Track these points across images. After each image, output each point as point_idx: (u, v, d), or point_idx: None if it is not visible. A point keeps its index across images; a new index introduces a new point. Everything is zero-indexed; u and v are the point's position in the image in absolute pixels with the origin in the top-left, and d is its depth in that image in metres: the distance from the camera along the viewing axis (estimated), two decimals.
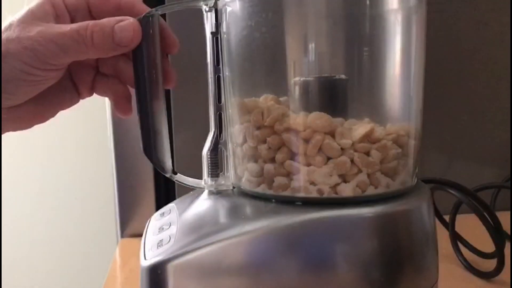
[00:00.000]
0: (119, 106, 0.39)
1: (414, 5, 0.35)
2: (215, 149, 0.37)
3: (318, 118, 0.32)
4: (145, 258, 0.32)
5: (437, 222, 0.55)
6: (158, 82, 0.35)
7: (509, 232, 0.55)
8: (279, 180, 0.33)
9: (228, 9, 0.35)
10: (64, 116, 0.39)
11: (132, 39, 0.33)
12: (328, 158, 0.33)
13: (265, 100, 0.35)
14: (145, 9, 0.36)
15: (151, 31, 0.34)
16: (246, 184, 0.36)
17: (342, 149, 0.32)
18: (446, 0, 0.67)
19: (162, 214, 0.38)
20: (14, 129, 0.37)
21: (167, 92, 0.61)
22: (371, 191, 0.33)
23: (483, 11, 0.70)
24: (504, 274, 0.48)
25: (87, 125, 1.04)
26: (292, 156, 0.33)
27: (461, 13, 0.69)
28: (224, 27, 0.36)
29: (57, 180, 1.09)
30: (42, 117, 0.37)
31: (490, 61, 0.71)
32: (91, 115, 0.99)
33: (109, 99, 0.39)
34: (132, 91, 0.37)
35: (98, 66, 0.38)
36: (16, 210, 1.10)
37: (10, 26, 0.32)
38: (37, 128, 0.38)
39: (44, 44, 0.31)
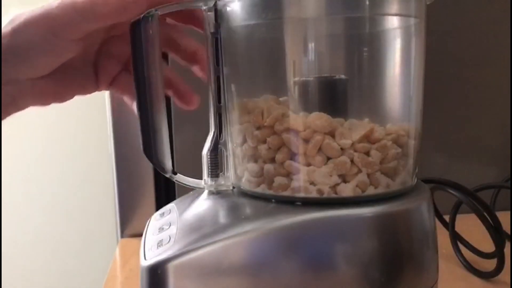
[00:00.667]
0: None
1: (415, 11, 0.35)
2: (215, 149, 0.37)
3: (318, 118, 0.32)
4: (145, 258, 0.32)
5: (437, 222, 0.55)
6: (157, 82, 0.35)
7: (509, 232, 0.55)
8: (279, 180, 0.33)
9: (228, 9, 0.35)
10: (64, 116, 0.40)
11: None
12: (328, 158, 0.33)
13: (265, 100, 0.35)
14: None
15: (150, 32, 0.34)
16: (246, 184, 0.36)
17: (342, 149, 0.32)
18: (449, 3, 0.67)
19: (162, 214, 0.38)
20: (33, 104, 0.37)
21: None
22: (371, 191, 0.33)
23: (484, 13, 0.70)
24: (504, 274, 0.48)
25: (87, 125, 1.04)
26: (292, 156, 0.33)
27: (463, 14, 0.69)
28: (224, 27, 0.36)
29: (57, 180, 1.09)
30: (60, 98, 0.38)
31: (491, 61, 0.71)
32: (91, 115, 0.99)
33: (126, 97, 0.40)
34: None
35: (128, 62, 0.39)
36: (16, 210, 1.10)
37: None
38: (37, 128, 0.38)
39: (65, 9, 0.32)
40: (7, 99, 0.35)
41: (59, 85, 0.37)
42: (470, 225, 0.50)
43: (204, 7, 0.36)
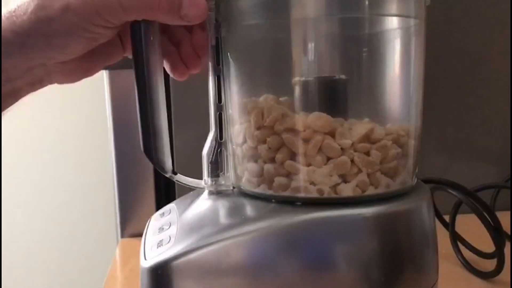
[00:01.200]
0: (172, 69, 0.39)
1: (415, 12, 0.35)
2: (215, 149, 0.37)
3: (318, 119, 0.32)
4: (145, 258, 0.32)
5: (437, 222, 0.55)
6: (158, 82, 0.35)
7: (509, 232, 0.55)
8: (279, 180, 0.33)
9: (229, 9, 0.35)
10: (64, 116, 0.40)
11: (198, 17, 0.33)
12: (328, 158, 0.33)
13: (265, 100, 0.35)
14: None
15: (151, 32, 0.34)
16: (246, 184, 0.36)
17: (342, 149, 0.32)
18: (449, 4, 0.67)
19: (162, 214, 0.38)
20: (61, 82, 0.36)
21: (167, 92, 0.61)
22: (371, 191, 0.33)
23: (486, 14, 0.70)
24: (504, 274, 0.48)
25: (87, 125, 1.04)
26: (292, 156, 0.33)
27: (463, 14, 0.69)
28: (224, 27, 0.36)
29: (57, 180, 1.09)
30: (90, 72, 0.37)
31: (491, 61, 0.71)
32: (91, 115, 0.99)
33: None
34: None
35: None
36: (16, 210, 1.10)
37: None
38: (37, 128, 0.38)
39: (105, 0, 0.31)
40: (34, 79, 0.34)
41: (87, 61, 0.36)
42: (470, 225, 0.50)
43: None
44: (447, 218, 0.56)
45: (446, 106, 0.70)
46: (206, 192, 0.37)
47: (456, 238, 0.55)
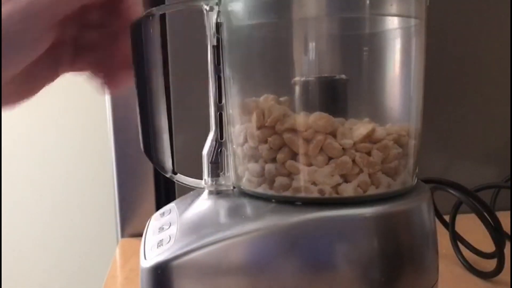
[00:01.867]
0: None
1: (416, 12, 0.35)
2: (216, 149, 0.37)
3: (320, 119, 0.32)
4: (145, 258, 0.32)
5: (437, 222, 0.55)
6: (158, 82, 0.35)
7: (509, 232, 0.55)
8: (280, 180, 0.33)
9: (229, 8, 0.35)
10: (64, 116, 0.39)
11: None
12: (330, 158, 0.33)
13: (266, 100, 0.35)
14: None
15: (151, 32, 0.34)
16: (246, 184, 0.36)
17: (343, 149, 0.32)
18: (449, 3, 0.67)
19: (162, 214, 0.38)
20: None
21: (167, 92, 0.61)
22: (372, 191, 0.33)
23: (486, 14, 0.70)
24: (504, 274, 0.48)
25: (87, 125, 1.04)
26: (293, 156, 0.33)
27: (464, 15, 0.69)
28: (225, 27, 0.36)
29: (57, 180, 1.09)
30: (28, 94, 0.35)
31: (491, 61, 0.71)
32: (91, 115, 0.99)
33: (93, 75, 0.37)
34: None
35: (77, 39, 0.36)
36: (16, 210, 1.10)
37: None
38: (37, 128, 0.38)
39: None
40: None
41: (25, 83, 0.33)
42: (470, 225, 0.50)
43: (205, 7, 0.36)
44: (447, 218, 0.56)
45: (446, 106, 0.70)
46: (206, 192, 0.37)
47: (456, 238, 0.55)
